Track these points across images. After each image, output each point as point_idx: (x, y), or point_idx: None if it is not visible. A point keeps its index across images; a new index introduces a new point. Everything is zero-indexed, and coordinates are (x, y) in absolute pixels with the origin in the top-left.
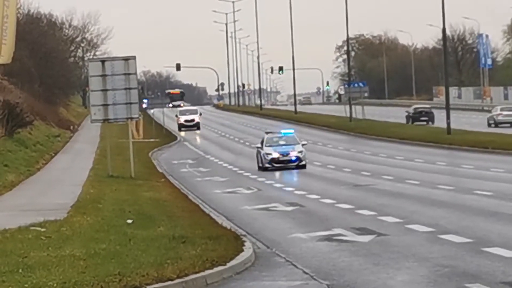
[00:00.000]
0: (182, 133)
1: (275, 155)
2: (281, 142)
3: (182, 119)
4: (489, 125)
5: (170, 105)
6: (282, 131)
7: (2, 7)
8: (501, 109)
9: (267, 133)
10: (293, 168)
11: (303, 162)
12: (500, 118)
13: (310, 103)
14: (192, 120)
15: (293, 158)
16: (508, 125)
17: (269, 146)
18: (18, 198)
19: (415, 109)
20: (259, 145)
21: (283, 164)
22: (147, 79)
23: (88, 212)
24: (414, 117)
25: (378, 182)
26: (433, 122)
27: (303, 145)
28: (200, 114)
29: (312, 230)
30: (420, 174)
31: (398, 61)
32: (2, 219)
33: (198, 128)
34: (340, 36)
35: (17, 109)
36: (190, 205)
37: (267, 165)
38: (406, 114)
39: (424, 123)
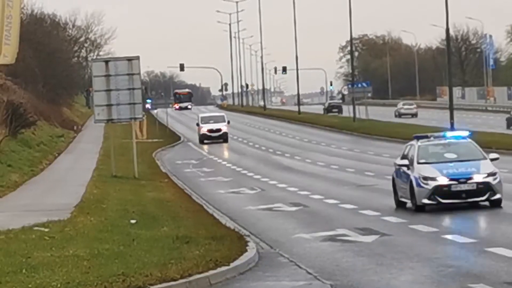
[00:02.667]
0: (205, 147)
1: (443, 180)
2: (449, 155)
3: (205, 128)
4: (395, 116)
5: (177, 106)
6: (449, 133)
7: (4, 7)
8: (403, 104)
9: (418, 138)
10: (479, 207)
11: (498, 196)
12: (402, 111)
13: (302, 104)
14: (218, 130)
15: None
16: (409, 116)
17: (426, 162)
18: (22, 198)
19: (329, 103)
20: (404, 161)
21: (458, 200)
22: (151, 79)
23: (91, 212)
24: (328, 109)
25: (381, 182)
26: (341, 112)
27: (492, 160)
28: (228, 122)
29: (315, 230)
30: None
31: (401, 61)
32: (6, 219)
33: (226, 140)
34: (343, 36)
35: (20, 109)
36: (193, 205)
37: (425, 201)
38: (323, 107)
39: (336, 113)
